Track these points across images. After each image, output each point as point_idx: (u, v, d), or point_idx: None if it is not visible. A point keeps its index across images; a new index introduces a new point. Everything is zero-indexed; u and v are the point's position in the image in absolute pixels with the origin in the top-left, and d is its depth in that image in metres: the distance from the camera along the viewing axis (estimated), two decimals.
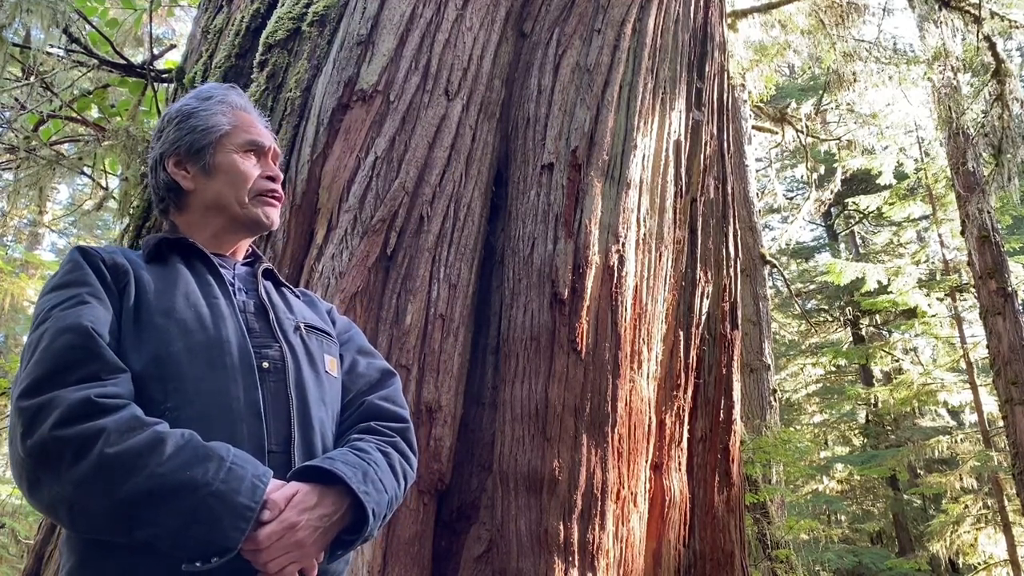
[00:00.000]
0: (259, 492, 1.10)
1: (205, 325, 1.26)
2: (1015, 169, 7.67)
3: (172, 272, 1.33)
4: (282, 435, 1.24)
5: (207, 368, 1.22)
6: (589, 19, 3.24)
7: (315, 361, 1.36)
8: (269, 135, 1.53)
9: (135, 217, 3.27)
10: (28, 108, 4.33)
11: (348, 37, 2.89)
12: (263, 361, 1.27)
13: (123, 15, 5.17)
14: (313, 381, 1.33)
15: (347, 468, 1.20)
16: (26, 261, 11.93)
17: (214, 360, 1.23)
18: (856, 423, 16.06)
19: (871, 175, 12.54)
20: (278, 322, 1.36)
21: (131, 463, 1.06)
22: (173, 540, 1.07)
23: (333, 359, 1.42)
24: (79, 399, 1.08)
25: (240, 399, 1.21)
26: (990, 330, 9.14)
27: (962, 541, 10.95)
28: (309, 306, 1.52)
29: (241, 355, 1.25)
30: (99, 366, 1.14)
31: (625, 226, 2.84)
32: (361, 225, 2.53)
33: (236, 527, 1.06)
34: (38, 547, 2.64)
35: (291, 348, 1.33)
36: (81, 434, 1.06)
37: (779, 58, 9.88)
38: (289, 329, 1.37)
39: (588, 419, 2.53)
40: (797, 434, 9.62)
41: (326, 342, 1.43)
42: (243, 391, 1.22)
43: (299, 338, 1.37)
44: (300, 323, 1.40)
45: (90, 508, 1.07)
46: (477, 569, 2.38)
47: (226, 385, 1.21)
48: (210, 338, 1.25)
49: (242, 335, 1.28)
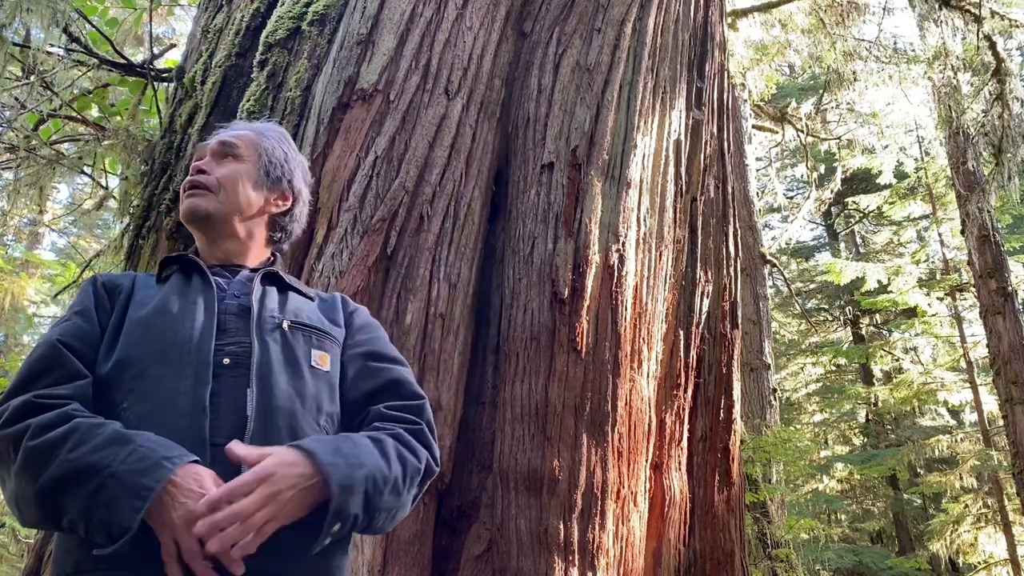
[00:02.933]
0: (162, 473, 1.08)
1: (172, 327, 1.31)
2: (1015, 168, 7.66)
3: (167, 286, 1.42)
4: (236, 428, 1.22)
5: (164, 367, 1.26)
6: (589, 18, 3.24)
7: (296, 356, 1.35)
8: (223, 134, 1.57)
9: (135, 217, 3.28)
10: (28, 107, 4.33)
11: (348, 36, 2.89)
12: (224, 357, 1.29)
13: (123, 14, 5.17)
14: (286, 375, 1.31)
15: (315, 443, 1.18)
16: (26, 260, 11.94)
17: (172, 359, 1.27)
18: (856, 422, 16.07)
19: (871, 174, 12.53)
20: (259, 320, 1.36)
21: (47, 452, 1.12)
22: (85, 524, 1.09)
23: (324, 354, 1.39)
24: (21, 402, 1.19)
25: (187, 395, 1.23)
26: (990, 329, 9.14)
27: (962, 540, 10.95)
28: (323, 309, 1.50)
29: (199, 353, 1.28)
30: (60, 373, 1.24)
31: (625, 225, 2.84)
32: (361, 224, 2.53)
33: (132, 507, 1.06)
34: (38, 546, 2.64)
35: (263, 344, 1.32)
36: (15, 431, 1.16)
37: (779, 57, 9.88)
38: (268, 327, 1.36)
39: (588, 418, 2.53)
40: (797, 433, 9.62)
41: (317, 338, 1.41)
42: (192, 387, 1.24)
43: (279, 335, 1.36)
44: (286, 321, 1.39)
45: (26, 499, 1.14)
46: (477, 568, 2.38)
47: (176, 382, 1.24)
48: (173, 339, 1.29)
49: (208, 334, 1.31)
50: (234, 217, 1.50)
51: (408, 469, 1.27)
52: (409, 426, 1.34)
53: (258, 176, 1.54)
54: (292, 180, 1.60)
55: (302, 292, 1.52)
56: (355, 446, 1.22)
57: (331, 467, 1.14)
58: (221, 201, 1.49)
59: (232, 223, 1.50)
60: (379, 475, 1.20)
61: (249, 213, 1.52)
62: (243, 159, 1.54)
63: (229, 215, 1.50)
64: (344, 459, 1.17)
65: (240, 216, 1.51)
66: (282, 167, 1.58)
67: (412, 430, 1.34)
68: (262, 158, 1.56)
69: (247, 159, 1.54)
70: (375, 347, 1.49)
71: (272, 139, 1.61)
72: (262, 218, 1.56)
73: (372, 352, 1.47)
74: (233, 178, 1.51)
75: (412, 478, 1.28)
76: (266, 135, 1.61)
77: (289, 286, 1.50)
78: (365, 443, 1.24)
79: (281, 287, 1.49)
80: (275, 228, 1.59)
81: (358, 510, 1.17)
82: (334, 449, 1.18)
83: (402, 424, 1.34)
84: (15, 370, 6.62)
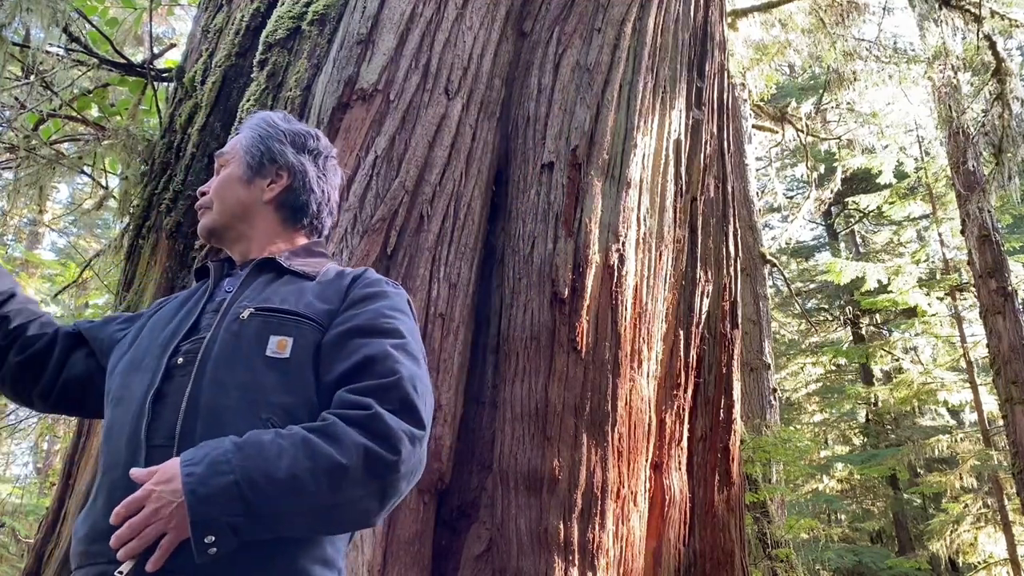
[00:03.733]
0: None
1: (154, 332, 1.37)
2: (1015, 168, 7.66)
3: (185, 294, 1.50)
4: (170, 426, 1.21)
5: (136, 373, 1.31)
6: (589, 18, 3.24)
7: (246, 346, 1.27)
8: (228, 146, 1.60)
9: (135, 216, 3.27)
10: (28, 107, 4.33)
11: (348, 36, 2.89)
12: (178, 357, 1.29)
13: (123, 14, 5.17)
14: (226, 368, 1.25)
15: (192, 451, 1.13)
16: (26, 260, 11.93)
17: (141, 364, 1.32)
18: (856, 422, 16.06)
19: (871, 174, 12.53)
20: (223, 313, 1.34)
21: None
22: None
23: (283, 339, 1.28)
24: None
25: (138, 398, 1.26)
26: (990, 329, 9.14)
27: (962, 540, 10.95)
28: (319, 288, 1.40)
29: (161, 354, 1.31)
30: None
31: (625, 225, 2.84)
32: (361, 224, 2.53)
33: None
34: (38, 546, 2.64)
35: (213, 338, 1.29)
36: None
37: (779, 57, 9.88)
38: (229, 318, 1.32)
39: (588, 418, 2.53)
40: (797, 433, 9.62)
41: (279, 322, 1.30)
42: (144, 389, 1.26)
43: (236, 325, 1.30)
44: (248, 309, 1.32)
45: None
46: (477, 568, 2.38)
47: (136, 387, 1.28)
48: (150, 344, 1.35)
49: (175, 336, 1.33)
50: (234, 221, 1.51)
51: (320, 464, 1.12)
52: (356, 411, 1.18)
53: (243, 172, 1.52)
54: (278, 157, 1.53)
55: (303, 274, 1.43)
56: (235, 450, 1.12)
57: (187, 477, 1.09)
58: (218, 211, 1.51)
59: (234, 227, 1.51)
60: (261, 478, 1.09)
61: (244, 211, 1.51)
62: (229, 163, 1.55)
63: (228, 222, 1.51)
64: (211, 466, 1.09)
65: (238, 218, 1.51)
66: (262, 151, 1.52)
67: (356, 417, 1.17)
68: (241, 153, 1.54)
69: (232, 161, 1.55)
70: (359, 322, 1.32)
71: (248, 128, 1.57)
72: (264, 208, 1.51)
73: (355, 327, 1.31)
74: (221, 186, 1.52)
75: (333, 474, 1.12)
76: (243, 129, 1.59)
77: (288, 270, 1.43)
78: (257, 443, 1.13)
79: (279, 272, 1.43)
80: (283, 208, 1.53)
81: (233, 518, 1.08)
82: (204, 455, 1.11)
83: (351, 410, 1.18)
84: None
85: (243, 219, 1.51)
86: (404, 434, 1.18)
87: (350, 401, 1.20)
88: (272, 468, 1.10)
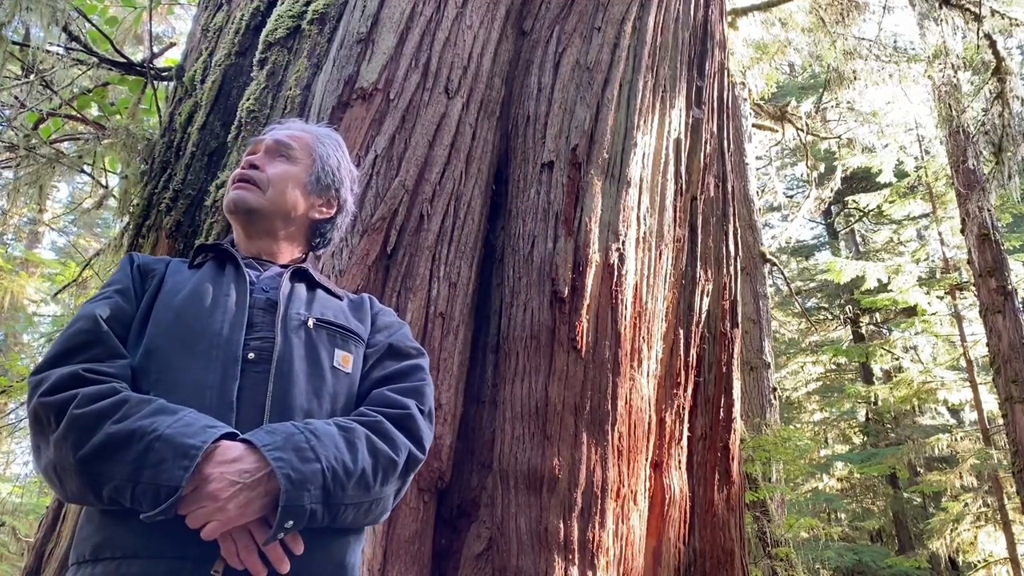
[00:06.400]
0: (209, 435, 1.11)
1: (200, 318, 1.31)
2: (1015, 167, 7.66)
3: (199, 274, 1.41)
4: (255, 424, 1.22)
5: (191, 359, 1.26)
6: (589, 17, 3.23)
7: (318, 354, 1.34)
8: (278, 132, 1.59)
9: (135, 215, 3.27)
10: (28, 106, 4.33)
11: (348, 35, 2.89)
12: (250, 352, 1.28)
13: (123, 13, 5.17)
14: (306, 372, 1.30)
15: (265, 435, 1.15)
16: (26, 259, 11.94)
17: (198, 351, 1.27)
18: (856, 421, 16.07)
19: (871, 173, 12.54)
20: (284, 317, 1.35)
21: (93, 423, 1.12)
22: (131, 490, 1.09)
23: (347, 355, 1.38)
24: (68, 372, 1.19)
25: (215, 388, 1.23)
26: (990, 328, 9.14)
27: (962, 539, 10.96)
28: (351, 308, 1.50)
29: (228, 346, 1.28)
30: (100, 350, 1.24)
31: (625, 224, 2.84)
32: (361, 223, 2.53)
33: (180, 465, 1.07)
34: (38, 545, 2.64)
35: (286, 340, 1.32)
36: (61, 399, 1.15)
37: (779, 56, 9.88)
38: (294, 324, 1.35)
39: (588, 417, 2.53)
40: (797, 432, 9.62)
41: (341, 338, 1.40)
42: (219, 381, 1.24)
43: (303, 332, 1.35)
44: (311, 318, 1.38)
45: (66, 467, 1.13)
46: (477, 567, 2.38)
47: (204, 375, 1.24)
48: (201, 330, 1.29)
49: (237, 328, 1.30)
50: (277, 217, 1.51)
51: (381, 461, 1.22)
52: (396, 411, 1.30)
53: (308, 181, 1.55)
54: (340, 189, 1.60)
55: (331, 291, 1.51)
56: (314, 437, 1.17)
57: (278, 461, 1.11)
58: (268, 199, 1.50)
59: (274, 222, 1.51)
60: (340, 468, 1.16)
61: (293, 215, 1.53)
62: (296, 161, 1.55)
63: (273, 214, 1.51)
64: (297, 452, 1.13)
65: (283, 217, 1.52)
66: (334, 175, 1.58)
67: (397, 415, 1.30)
68: (316, 163, 1.56)
69: (300, 162, 1.55)
70: (393, 340, 1.47)
71: (328, 146, 1.61)
72: (304, 222, 1.56)
73: (391, 347, 1.46)
74: (283, 178, 1.52)
75: (387, 470, 1.23)
76: (323, 141, 1.61)
77: (318, 284, 1.49)
78: (329, 433, 1.19)
79: (310, 285, 1.48)
80: (315, 234, 1.60)
81: (315, 505, 1.13)
82: (285, 440, 1.14)
83: (390, 409, 1.30)
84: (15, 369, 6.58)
85: (285, 219, 1.53)
86: (425, 438, 1.33)
87: (387, 400, 1.33)
88: (348, 459, 1.18)
